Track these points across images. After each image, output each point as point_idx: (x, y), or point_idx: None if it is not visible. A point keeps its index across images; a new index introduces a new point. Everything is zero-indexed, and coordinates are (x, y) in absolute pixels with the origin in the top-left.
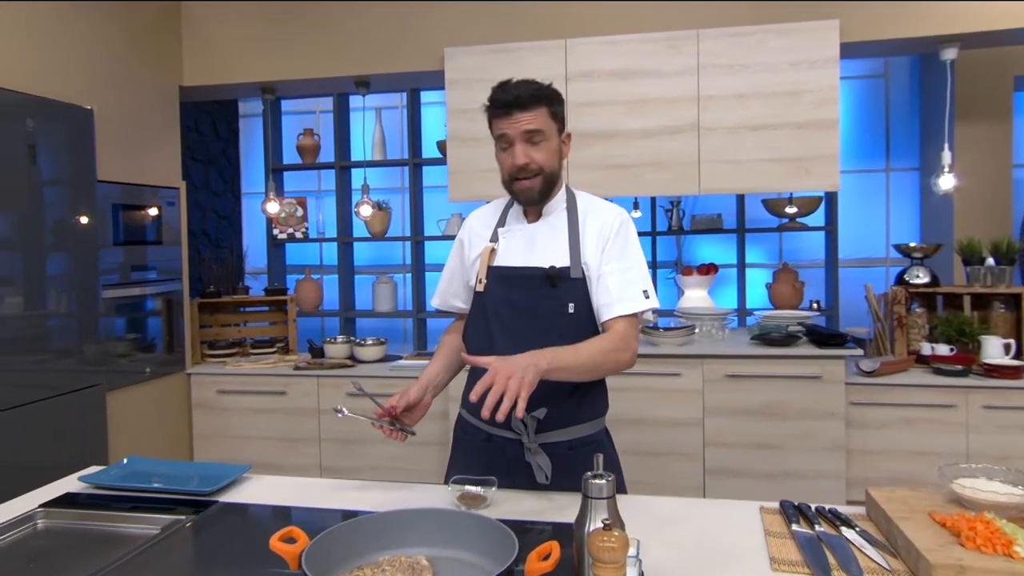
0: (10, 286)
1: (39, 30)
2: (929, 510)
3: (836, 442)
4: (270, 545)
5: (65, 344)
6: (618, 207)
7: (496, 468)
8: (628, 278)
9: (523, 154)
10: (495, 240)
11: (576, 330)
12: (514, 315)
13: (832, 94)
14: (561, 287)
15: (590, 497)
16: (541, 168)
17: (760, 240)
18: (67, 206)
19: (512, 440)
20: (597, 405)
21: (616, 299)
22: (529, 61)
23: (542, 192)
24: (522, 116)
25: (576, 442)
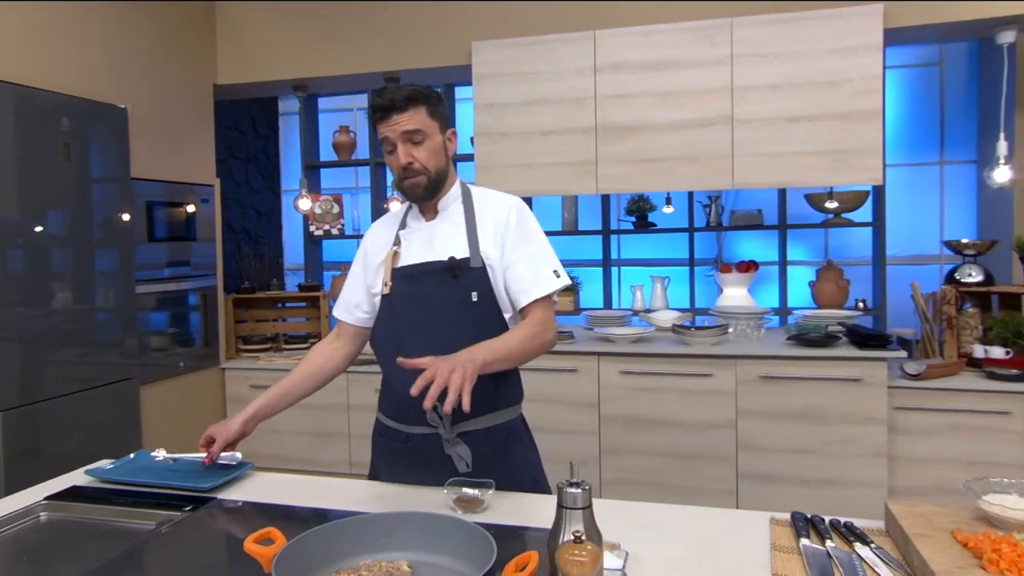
0: (47, 282)
1: (75, 31)
2: (952, 528)
3: (878, 449)
4: (244, 546)
5: (100, 338)
6: (512, 196)
7: (416, 466)
8: (536, 262)
9: (405, 154)
10: (397, 244)
11: (481, 319)
12: (419, 310)
13: (875, 83)
14: (463, 277)
15: (564, 507)
16: (424, 166)
17: (804, 236)
18: (102, 203)
19: (429, 435)
20: (512, 392)
21: (530, 284)
22: (558, 53)
23: (428, 188)
24: (400, 118)
25: (493, 428)
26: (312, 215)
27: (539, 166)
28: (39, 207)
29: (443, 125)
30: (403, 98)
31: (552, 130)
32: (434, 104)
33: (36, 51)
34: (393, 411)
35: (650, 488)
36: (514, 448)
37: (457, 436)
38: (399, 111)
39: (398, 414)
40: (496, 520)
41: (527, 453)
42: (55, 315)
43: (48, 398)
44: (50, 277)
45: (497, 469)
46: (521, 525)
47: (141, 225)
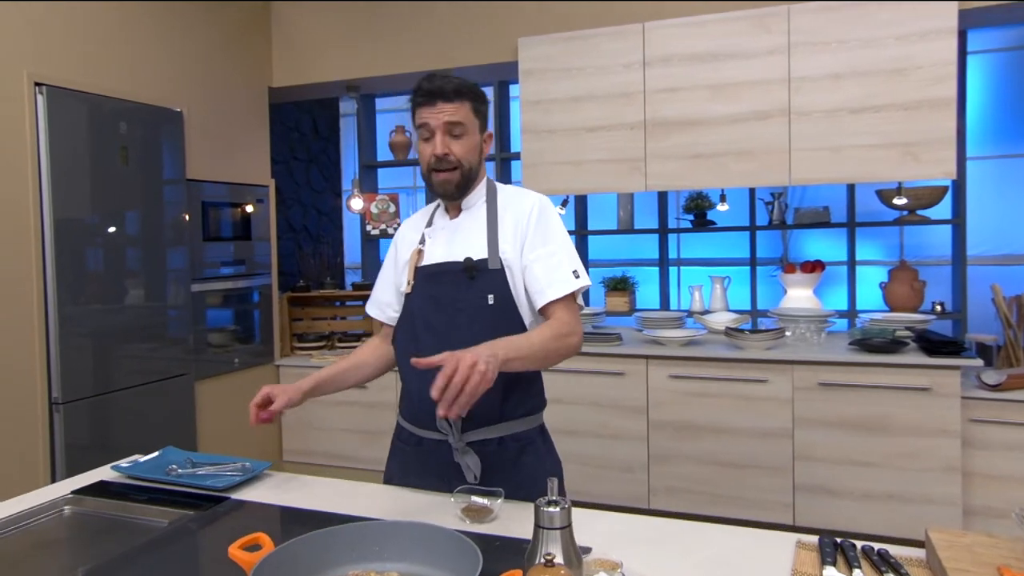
0: (105, 280)
1: (133, 36)
2: (1000, 564)
3: (950, 463)
4: (228, 552)
5: (157, 334)
6: (536, 194)
7: (427, 472)
8: (555, 262)
9: (443, 144)
10: (422, 242)
11: (497, 322)
12: (436, 310)
13: (948, 69)
14: (480, 279)
15: (541, 527)
16: (460, 161)
17: (878, 235)
18: (158, 205)
19: (440, 442)
20: (529, 402)
21: (547, 284)
22: (604, 47)
23: (459, 186)
24: (445, 107)
25: (507, 439)
26: (369, 214)
27: (586, 163)
28: (99, 209)
29: (483, 125)
30: (452, 89)
31: (599, 126)
32: (479, 102)
33: (94, 58)
34: (408, 413)
35: (702, 497)
36: (527, 460)
37: (467, 445)
38: (446, 100)
39: (412, 416)
40: (504, 532)
41: (542, 464)
42: (114, 312)
43: (107, 392)
44: (109, 276)
45: (508, 481)
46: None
47: (196, 225)
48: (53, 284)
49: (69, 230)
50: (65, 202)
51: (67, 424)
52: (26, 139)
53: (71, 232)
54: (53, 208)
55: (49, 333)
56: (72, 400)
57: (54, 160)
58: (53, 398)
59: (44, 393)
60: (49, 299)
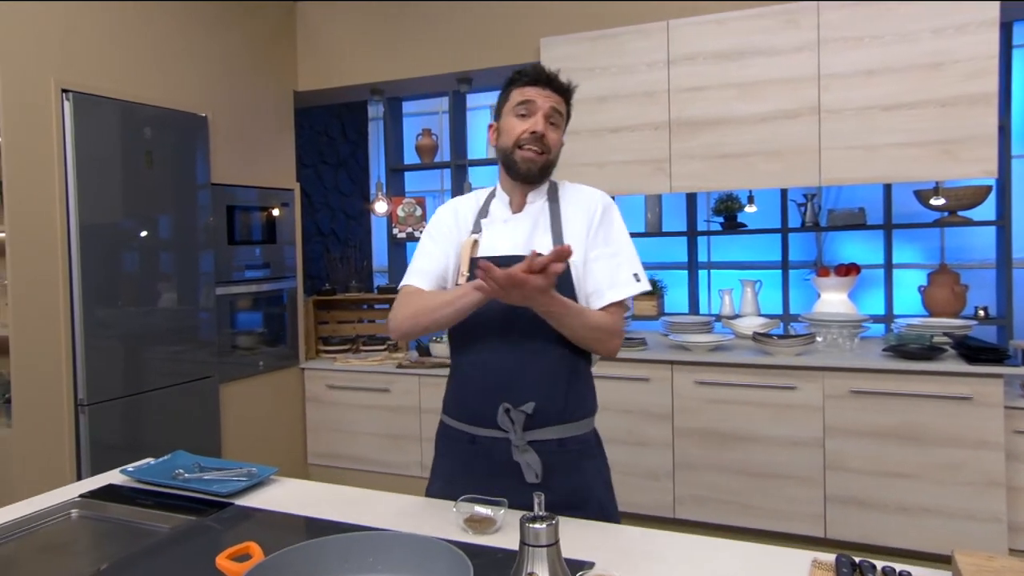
0: (131, 283)
1: (158, 42)
2: None
3: (993, 477)
4: (217, 562)
5: (182, 337)
6: (600, 191)
7: (481, 471)
8: (617, 263)
9: (544, 124)
10: (478, 231)
11: None
12: (498, 307)
13: (988, 63)
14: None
15: (526, 544)
16: (549, 149)
17: (917, 237)
18: (184, 208)
19: (499, 440)
20: (586, 404)
21: (607, 286)
22: (628, 46)
23: (541, 170)
24: (554, 95)
25: (567, 441)
26: (395, 217)
27: (610, 164)
28: (125, 213)
29: (566, 126)
30: (560, 83)
31: (623, 126)
32: (571, 107)
33: (120, 64)
34: (460, 411)
35: (729, 507)
36: (586, 465)
37: (528, 444)
38: (554, 89)
39: (466, 414)
40: (509, 544)
41: (600, 473)
42: (139, 315)
43: (132, 394)
44: (135, 279)
45: (567, 484)
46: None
47: (221, 229)
48: (79, 287)
49: (95, 234)
50: (91, 207)
51: (92, 425)
52: (53, 145)
53: (97, 236)
54: (79, 213)
55: (75, 335)
56: (97, 402)
57: (80, 165)
58: (79, 400)
59: (70, 395)
60: (75, 302)
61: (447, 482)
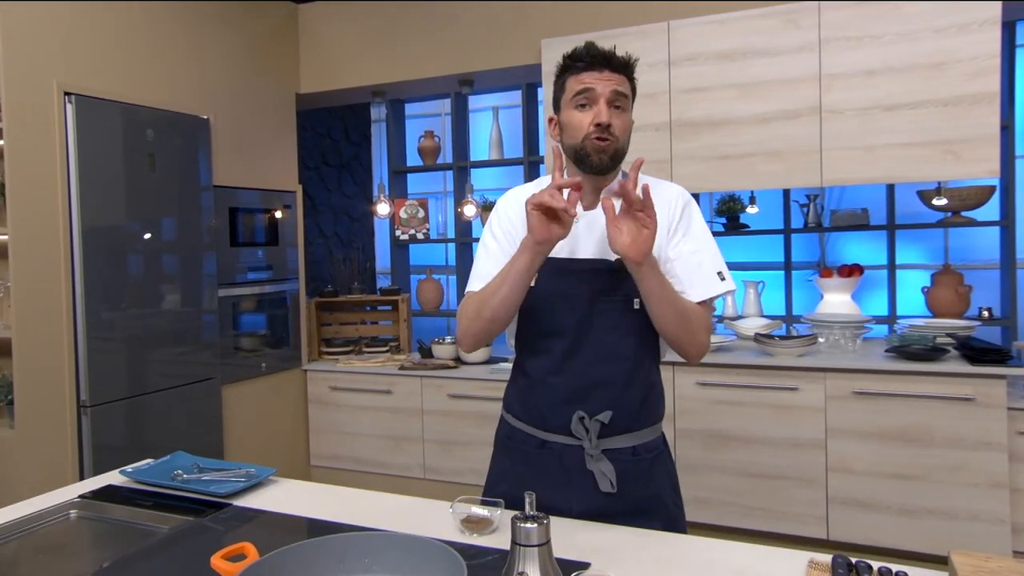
0: (133, 285)
1: (160, 45)
2: None
3: (996, 479)
4: (211, 562)
5: (184, 339)
6: (679, 187)
7: (550, 476)
8: (698, 260)
9: (608, 113)
10: None
11: (640, 328)
12: (571, 311)
13: (991, 62)
14: (627, 280)
15: (518, 544)
16: (615, 136)
17: (921, 237)
18: (186, 211)
19: (570, 447)
20: (658, 409)
21: (688, 285)
22: (629, 47)
23: (612, 159)
24: (614, 76)
25: (640, 448)
26: (398, 219)
27: None
28: (127, 215)
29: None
30: (621, 60)
31: None
32: (635, 85)
33: (122, 67)
34: (529, 414)
35: (732, 509)
36: (657, 472)
37: (602, 452)
38: (614, 70)
39: (537, 419)
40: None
41: (670, 476)
42: (142, 317)
43: (135, 395)
44: (137, 281)
45: (639, 492)
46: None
47: (225, 231)
48: (82, 289)
49: (97, 236)
50: (94, 209)
51: (95, 427)
52: (56, 148)
53: (99, 238)
54: (82, 215)
55: (78, 337)
56: (100, 403)
57: (83, 168)
58: (81, 401)
59: (72, 396)
60: (78, 304)
61: (515, 485)
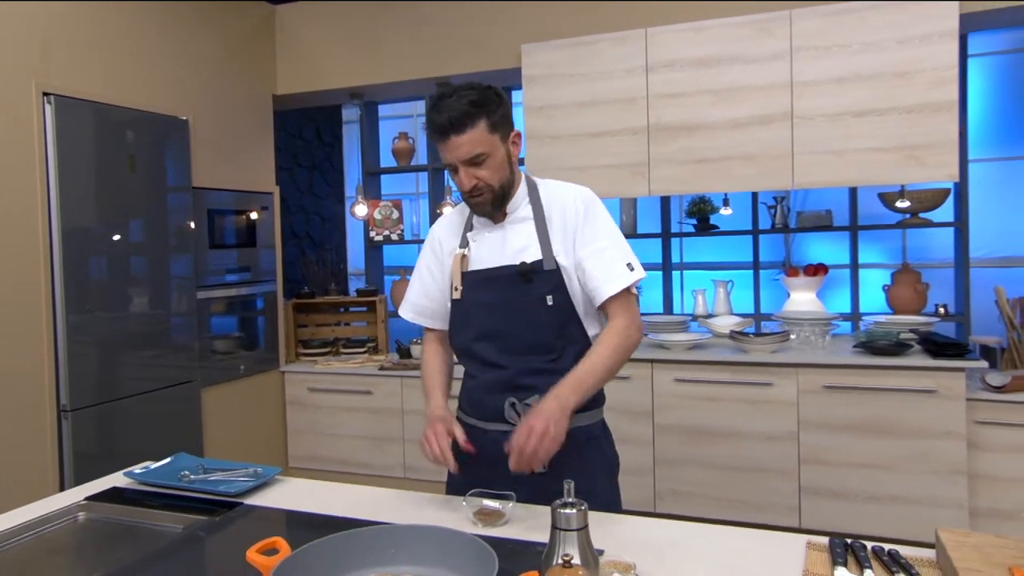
0: (112, 288)
1: (138, 46)
2: (1011, 564)
3: (955, 466)
4: (247, 556)
5: (163, 342)
6: (579, 188)
7: (495, 464)
8: (608, 257)
9: (468, 178)
10: (465, 245)
11: (557, 322)
12: (493, 316)
13: (950, 72)
14: (536, 281)
15: (558, 528)
16: (488, 184)
17: (880, 238)
18: (165, 213)
19: (507, 432)
20: (593, 397)
21: (602, 281)
22: (608, 53)
23: (495, 203)
24: (459, 140)
25: (574, 432)
26: (372, 220)
27: (590, 168)
28: (107, 217)
29: (505, 133)
30: (460, 115)
31: (603, 131)
32: (493, 112)
33: (101, 68)
34: (471, 408)
35: (707, 501)
36: (592, 456)
37: None
38: (458, 131)
39: (476, 411)
40: (517, 535)
41: (604, 458)
42: (121, 320)
43: (115, 399)
44: (116, 284)
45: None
46: (541, 541)
47: (203, 233)
48: (61, 292)
49: (77, 238)
50: (73, 211)
51: (75, 431)
52: (35, 149)
53: (79, 240)
54: (61, 217)
55: (57, 340)
56: (80, 407)
57: (62, 169)
58: (61, 405)
59: (52, 400)
60: (57, 306)
61: (468, 475)
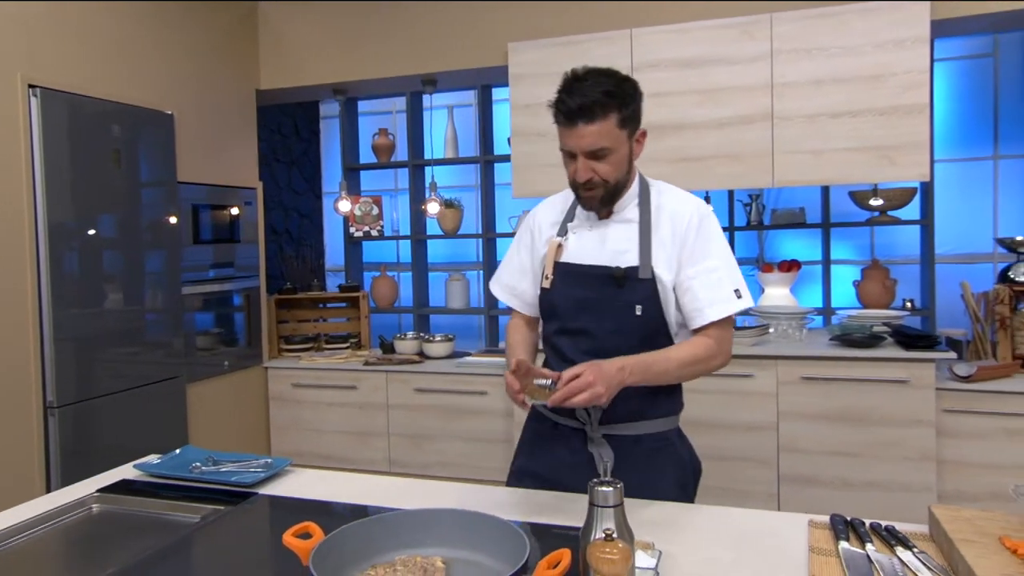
0: (99, 283)
1: (124, 39)
2: (1000, 534)
3: (925, 452)
4: (283, 540)
5: (149, 338)
6: (697, 200)
7: (560, 456)
8: (716, 279)
9: (585, 170)
10: (563, 235)
11: (643, 330)
12: (580, 314)
13: (921, 76)
14: (628, 287)
15: (596, 505)
16: (604, 180)
17: (849, 235)
18: (150, 207)
19: (577, 430)
20: (669, 403)
21: (706, 304)
22: (594, 53)
23: (605, 200)
24: (587, 129)
25: (645, 437)
26: (352, 217)
27: None
28: (92, 211)
29: (633, 129)
30: (592, 104)
31: None
32: (627, 106)
33: (86, 60)
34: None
35: None
36: (661, 462)
37: (603, 437)
38: (587, 120)
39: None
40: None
41: (678, 468)
42: (107, 315)
43: (101, 395)
44: (102, 279)
45: (637, 479)
46: (562, 524)
47: (187, 228)
48: (47, 287)
49: (63, 233)
50: (59, 205)
51: (62, 427)
52: (20, 142)
53: (65, 235)
54: (47, 211)
55: (44, 336)
56: (67, 404)
57: (48, 163)
58: (48, 401)
59: (39, 396)
60: (43, 301)
61: (528, 458)
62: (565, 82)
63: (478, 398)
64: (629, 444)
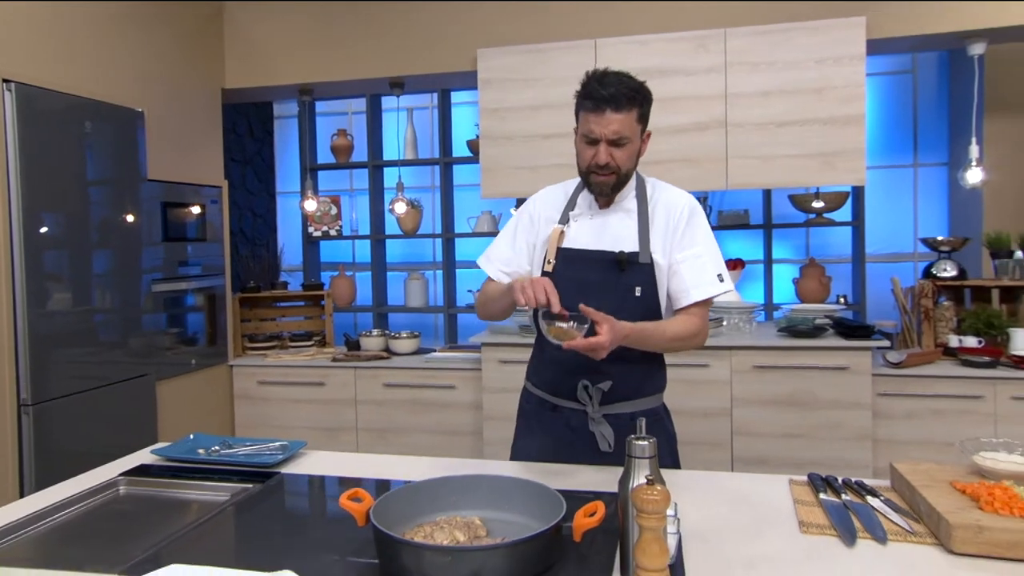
0: (65, 281)
1: (96, 35)
2: (951, 480)
3: (863, 432)
4: (340, 502)
5: (116, 336)
6: (687, 195)
7: (561, 437)
8: (701, 264)
9: (605, 154)
10: (565, 223)
11: (640, 313)
12: (581, 296)
13: (858, 90)
14: (629, 271)
15: (633, 457)
16: (618, 167)
17: (787, 236)
18: (118, 204)
19: (576, 411)
20: (657, 380)
21: (692, 285)
22: (560, 61)
23: (615, 187)
24: (614, 116)
25: (638, 414)
26: (311, 216)
27: (541, 168)
28: (66, 208)
29: (644, 127)
30: (621, 95)
31: (554, 133)
32: (644, 105)
33: (59, 55)
34: (545, 383)
35: None
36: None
37: (603, 416)
38: (615, 109)
39: (550, 387)
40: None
41: (667, 443)
42: (78, 313)
43: (69, 394)
44: (76, 276)
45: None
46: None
47: (156, 226)
48: (22, 284)
49: (37, 229)
50: (34, 201)
51: (36, 425)
52: None
53: (39, 231)
54: (22, 208)
55: (17, 333)
56: (41, 401)
57: (23, 158)
58: (22, 400)
59: (12, 394)
60: (17, 298)
61: (529, 437)
62: (594, 75)
63: (446, 392)
64: (626, 421)
